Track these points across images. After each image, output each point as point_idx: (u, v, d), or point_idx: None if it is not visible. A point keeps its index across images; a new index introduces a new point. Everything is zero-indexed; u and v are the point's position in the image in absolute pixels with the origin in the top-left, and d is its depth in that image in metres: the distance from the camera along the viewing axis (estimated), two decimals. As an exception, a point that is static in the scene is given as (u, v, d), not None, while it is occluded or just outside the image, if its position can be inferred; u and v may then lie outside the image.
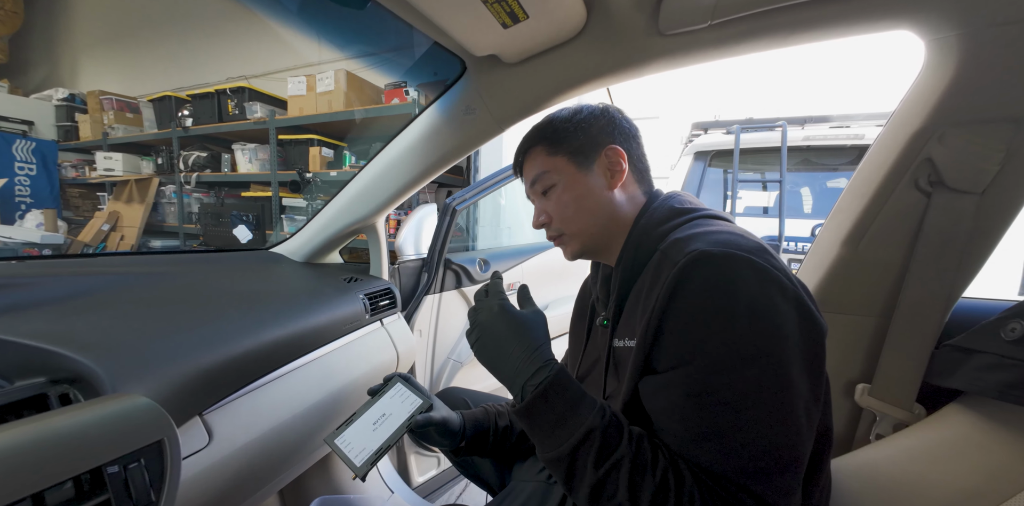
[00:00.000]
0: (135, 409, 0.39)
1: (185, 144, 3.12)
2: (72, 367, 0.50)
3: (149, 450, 0.37)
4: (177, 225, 3.22)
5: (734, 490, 0.38)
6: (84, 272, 0.80)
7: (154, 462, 0.37)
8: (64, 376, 0.50)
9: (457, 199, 1.27)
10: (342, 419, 0.89)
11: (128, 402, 0.40)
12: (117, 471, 0.34)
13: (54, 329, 0.55)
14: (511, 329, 0.51)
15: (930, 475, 0.54)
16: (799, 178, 2.56)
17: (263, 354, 0.70)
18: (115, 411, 0.38)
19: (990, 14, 0.50)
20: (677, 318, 0.43)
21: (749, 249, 0.43)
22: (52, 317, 0.58)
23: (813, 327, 0.43)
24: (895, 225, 0.66)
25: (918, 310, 0.64)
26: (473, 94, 0.77)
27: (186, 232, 3.19)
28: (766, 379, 0.39)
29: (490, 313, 0.54)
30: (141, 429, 0.38)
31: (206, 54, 3.57)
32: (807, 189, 2.59)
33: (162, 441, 0.39)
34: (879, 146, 0.67)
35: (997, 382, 0.50)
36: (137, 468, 0.36)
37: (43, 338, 0.50)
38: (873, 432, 0.67)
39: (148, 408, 0.40)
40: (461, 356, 1.27)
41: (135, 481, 0.35)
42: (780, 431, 0.39)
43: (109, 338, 0.55)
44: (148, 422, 0.39)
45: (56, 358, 0.50)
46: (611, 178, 0.59)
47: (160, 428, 0.39)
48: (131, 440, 0.36)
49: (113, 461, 0.35)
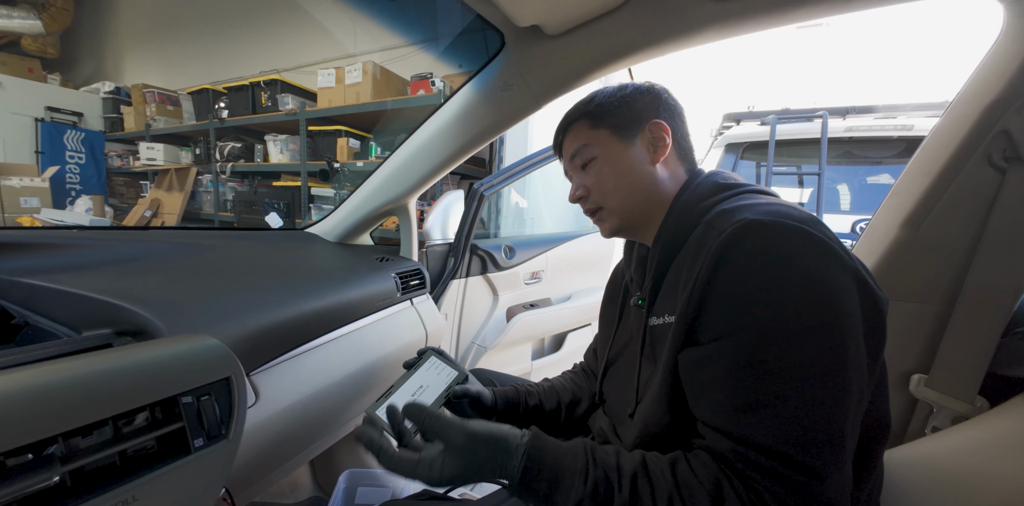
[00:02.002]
0: (206, 348, 0.41)
1: (221, 135, 3.23)
2: (136, 320, 0.52)
3: (218, 386, 0.39)
4: (213, 213, 3.34)
5: (778, 463, 0.36)
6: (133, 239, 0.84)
7: (223, 397, 0.39)
8: (128, 329, 0.52)
9: (485, 184, 1.27)
10: (376, 391, 0.90)
11: (199, 341, 0.42)
12: (191, 402, 0.36)
13: (115, 286, 0.58)
14: (468, 461, 0.42)
15: (994, 469, 0.51)
16: (837, 172, 2.43)
17: (303, 323, 0.72)
18: (188, 348, 0.40)
19: None
20: (724, 287, 0.41)
21: (802, 220, 0.41)
22: (112, 276, 0.62)
23: (873, 301, 0.40)
24: (963, 205, 0.61)
25: (985, 297, 0.60)
26: (511, 69, 0.75)
27: (221, 219, 3.31)
28: (820, 351, 0.37)
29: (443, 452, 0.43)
30: (211, 366, 0.40)
31: (241, 48, 3.68)
32: (845, 186, 2.47)
33: (230, 378, 0.40)
34: (948, 119, 0.62)
35: (1081, 370, 0.46)
36: (208, 401, 0.37)
37: (107, 293, 0.53)
38: (929, 425, 0.63)
39: (217, 348, 0.42)
40: (486, 341, 1.28)
41: (207, 412, 0.37)
42: (832, 405, 0.36)
43: (166, 297, 0.58)
44: (218, 360, 0.41)
45: (121, 312, 0.52)
46: (654, 153, 0.57)
47: (229, 366, 0.41)
48: (203, 375, 0.38)
49: (187, 392, 0.36)
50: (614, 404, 0.62)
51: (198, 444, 0.36)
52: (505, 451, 0.41)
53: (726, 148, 2.63)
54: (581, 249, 1.64)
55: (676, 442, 0.45)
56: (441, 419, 0.44)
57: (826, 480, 0.36)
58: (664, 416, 0.46)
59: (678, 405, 0.45)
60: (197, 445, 0.36)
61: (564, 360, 1.54)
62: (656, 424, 0.47)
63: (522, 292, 1.42)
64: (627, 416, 0.55)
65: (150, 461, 0.34)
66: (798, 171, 2.34)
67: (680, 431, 0.45)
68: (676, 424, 0.46)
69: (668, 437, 0.47)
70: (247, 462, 0.57)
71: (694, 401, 0.43)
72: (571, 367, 0.83)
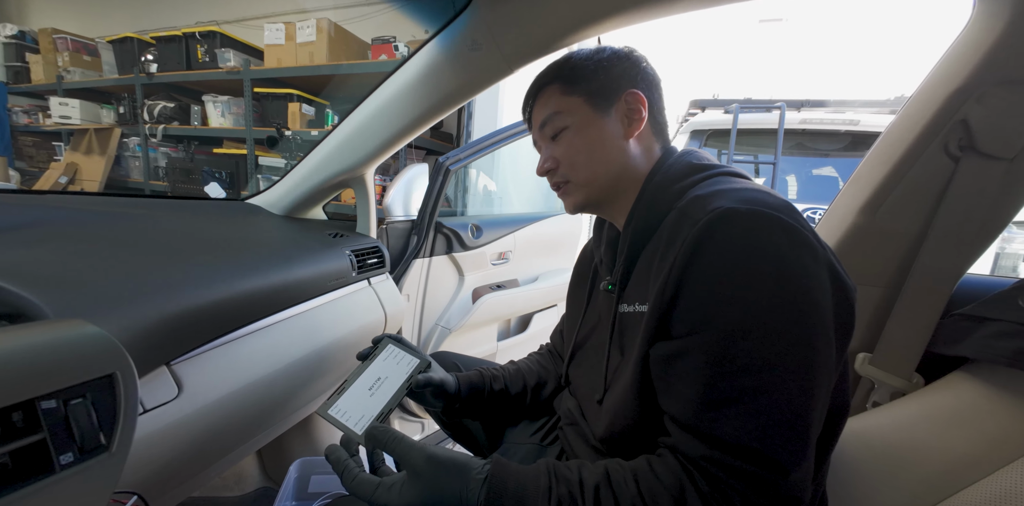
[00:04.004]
0: (80, 337, 0.33)
1: (149, 93, 2.87)
2: (12, 301, 0.43)
3: (97, 385, 0.31)
4: (143, 181, 3.01)
5: (744, 460, 0.35)
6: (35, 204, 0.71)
7: (104, 400, 0.32)
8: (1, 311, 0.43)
9: (451, 158, 1.20)
10: (328, 376, 0.85)
11: (71, 329, 0.33)
12: (55, 407, 0.29)
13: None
14: (430, 492, 0.40)
15: (929, 441, 0.54)
16: (789, 163, 2.55)
17: (239, 304, 0.64)
18: (54, 338, 0.32)
19: None
20: (698, 280, 0.39)
21: (777, 207, 0.39)
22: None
23: (844, 293, 0.40)
24: (917, 193, 0.63)
25: (928, 281, 0.63)
26: (481, 27, 0.69)
27: (153, 188, 3.00)
28: (792, 347, 0.36)
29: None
30: (87, 360, 0.32)
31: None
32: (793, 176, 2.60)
33: (113, 375, 0.33)
34: (911, 108, 0.63)
35: (1012, 349, 0.49)
36: (81, 404, 0.30)
37: None
38: (870, 400, 0.67)
39: (96, 337, 0.34)
40: (450, 322, 1.24)
41: (78, 419, 0.29)
42: (801, 400, 0.36)
43: (59, 273, 0.48)
44: (96, 353, 0.33)
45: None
46: (628, 126, 0.54)
47: (112, 360, 0.33)
48: (73, 372, 0.31)
49: (49, 395, 0.29)
50: (581, 387, 0.60)
51: (65, 460, 0.29)
52: (466, 478, 0.40)
53: (691, 134, 2.67)
54: (550, 230, 1.61)
55: (646, 435, 0.45)
56: (403, 442, 0.42)
57: (791, 473, 0.35)
58: (635, 409, 0.45)
59: (648, 398, 0.44)
60: (64, 461, 0.29)
61: (530, 341, 1.54)
62: (626, 417, 0.46)
63: (489, 273, 1.38)
64: (595, 401, 0.53)
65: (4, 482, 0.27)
66: (755, 160, 2.43)
67: (649, 424, 0.44)
68: (646, 418, 0.45)
69: (638, 429, 0.46)
70: (167, 464, 0.50)
71: (663, 395, 0.42)
72: (537, 348, 0.81)
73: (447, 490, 0.39)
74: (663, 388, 0.42)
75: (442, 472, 0.40)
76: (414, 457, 0.41)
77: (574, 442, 0.58)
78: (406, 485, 0.40)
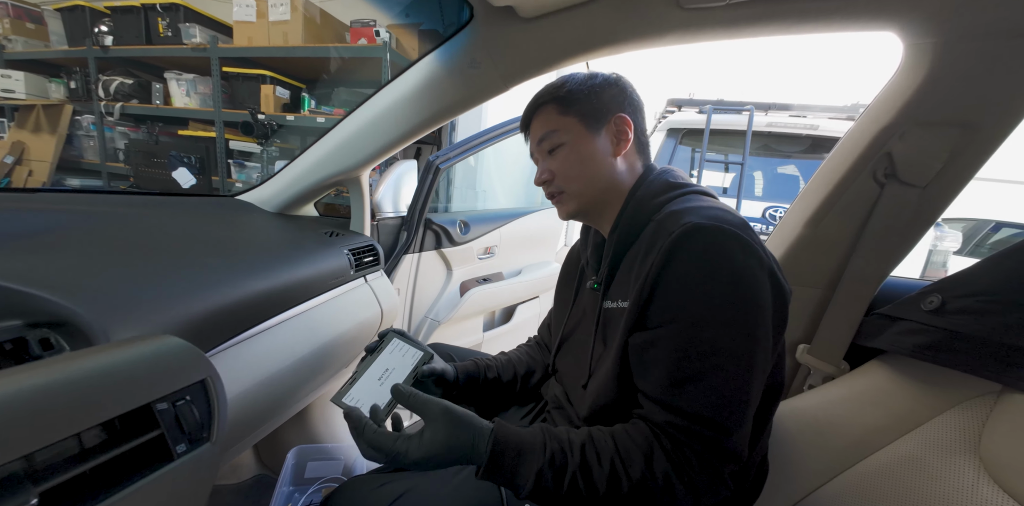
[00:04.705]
0: (174, 350, 0.38)
1: (104, 67, 2.67)
2: (52, 310, 0.46)
3: (195, 389, 0.37)
4: (99, 162, 2.83)
5: (699, 425, 0.46)
6: (24, 208, 0.72)
7: (201, 400, 0.38)
8: (43, 320, 0.46)
9: (441, 157, 1.24)
10: (330, 372, 0.90)
11: (165, 343, 0.39)
12: (167, 408, 0.35)
13: (12, 267, 0.50)
14: (447, 444, 0.47)
15: (848, 416, 0.67)
16: (755, 162, 2.73)
17: (250, 305, 0.68)
18: (155, 351, 0.37)
19: (968, 27, 0.56)
20: (669, 281, 0.48)
21: (735, 224, 0.49)
22: (3, 254, 0.52)
23: (781, 295, 0.51)
24: (850, 210, 0.75)
25: (856, 284, 0.75)
26: (479, 47, 0.73)
27: (111, 171, 2.82)
28: (739, 336, 0.46)
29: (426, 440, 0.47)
30: (184, 369, 0.37)
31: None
32: (759, 173, 2.77)
33: (206, 380, 0.39)
34: (849, 138, 0.74)
35: (913, 344, 0.61)
36: (185, 405, 0.36)
37: (4, 277, 0.46)
38: (806, 383, 0.80)
39: (186, 349, 0.39)
40: (439, 315, 1.30)
41: (186, 417, 0.35)
42: (744, 378, 0.46)
43: (84, 281, 0.51)
44: (189, 362, 0.38)
45: (31, 300, 0.46)
46: (616, 145, 0.61)
47: (203, 368, 0.39)
48: (176, 379, 0.36)
49: (161, 398, 0.35)
50: (567, 375, 0.69)
51: (180, 450, 0.36)
52: (476, 430, 0.47)
53: (668, 133, 2.79)
54: (532, 225, 1.69)
55: (623, 410, 0.54)
56: (421, 397, 0.50)
57: (733, 435, 0.46)
58: (614, 390, 0.54)
59: (625, 381, 0.53)
60: (180, 451, 0.35)
61: (513, 331, 1.63)
62: (606, 396, 0.55)
63: (476, 267, 1.45)
64: (580, 387, 0.62)
65: (133, 471, 0.33)
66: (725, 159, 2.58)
67: (626, 402, 0.54)
68: (623, 397, 0.54)
69: (616, 406, 0.55)
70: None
71: (638, 376, 0.51)
72: (525, 340, 0.89)
73: (460, 439, 0.46)
74: (639, 371, 0.51)
75: (456, 423, 0.47)
76: (432, 409, 0.48)
77: (560, 424, 0.67)
78: (424, 434, 0.46)
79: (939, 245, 2.62)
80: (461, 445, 0.46)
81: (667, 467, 0.45)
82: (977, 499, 0.51)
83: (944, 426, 0.58)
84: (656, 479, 0.45)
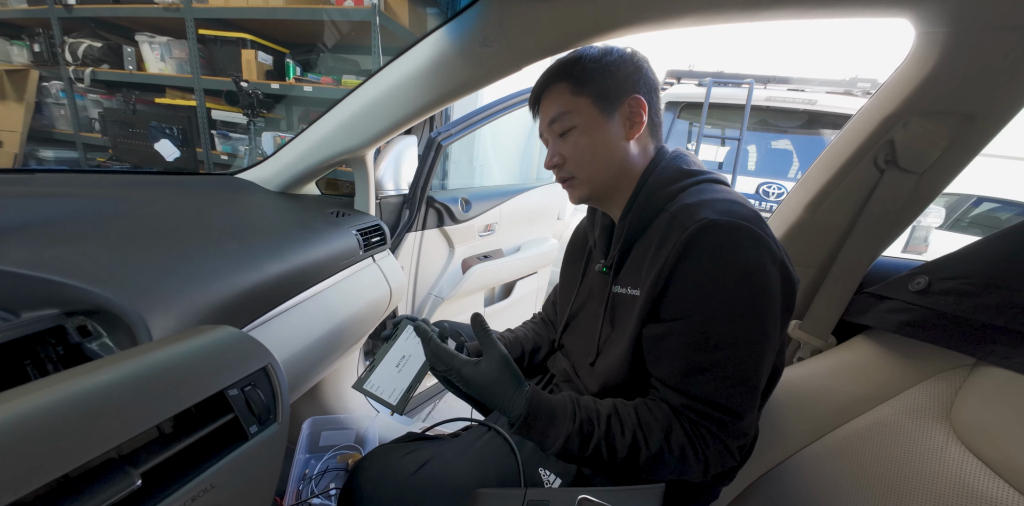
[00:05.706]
0: (235, 340, 0.41)
1: (70, 29, 2.48)
2: (87, 298, 0.47)
3: (257, 375, 0.40)
4: (73, 132, 2.69)
5: (713, 409, 0.50)
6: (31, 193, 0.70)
7: (264, 385, 0.41)
8: (80, 308, 0.48)
9: (443, 133, 1.22)
10: (342, 351, 0.93)
11: (227, 334, 0.41)
12: (237, 393, 0.38)
13: (41, 257, 0.50)
14: (497, 381, 0.53)
15: (835, 386, 0.73)
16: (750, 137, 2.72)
17: (268, 289, 0.70)
18: (220, 342, 0.40)
19: (981, 18, 0.57)
20: (685, 276, 0.51)
21: (748, 218, 0.51)
22: (30, 244, 0.52)
23: (790, 285, 0.54)
24: (849, 196, 0.78)
25: (849, 265, 0.79)
26: (493, 25, 0.71)
27: (86, 142, 2.69)
28: (750, 328, 0.50)
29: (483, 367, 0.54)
30: (247, 357, 0.40)
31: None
32: (753, 147, 2.78)
33: (267, 366, 0.42)
34: (855, 124, 0.76)
35: (899, 321, 0.66)
36: (253, 390, 0.39)
37: (38, 267, 0.47)
38: (796, 356, 0.86)
39: (246, 339, 0.42)
40: (442, 292, 1.33)
41: (254, 401, 0.38)
42: (753, 366, 0.51)
43: (113, 269, 0.52)
44: (250, 351, 0.41)
45: (65, 289, 0.47)
46: (629, 128, 0.61)
47: (262, 355, 0.42)
48: (241, 367, 0.39)
49: (232, 385, 0.37)
50: (574, 351, 0.73)
51: (253, 431, 0.39)
52: (518, 388, 0.52)
53: (667, 106, 2.75)
54: (532, 202, 1.70)
55: (632, 390, 0.59)
56: (492, 335, 0.55)
57: (744, 417, 0.51)
58: (626, 372, 0.58)
59: (637, 365, 0.57)
60: (253, 431, 0.39)
61: (513, 306, 1.67)
62: (618, 378, 0.60)
63: (477, 244, 1.47)
64: (588, 364, 0.66)
65: (213, 450, 0.36)
66: (722, 134, 2.57)
67: (635, 383, 0.58)
68: (634, 377, 0.58)
69: (626, 386, 0.60)
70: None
71: (652, 364, 0.55)
72: (530, 316, 0.93)
73: (505, 385, 0.52)
74: (652, 359, 0.55)
75: (510, 371, 0.53)
76: (497, 349, 0.54)
77: None
78: (481, 364, 0.52)
79: (922, 220, 2.72)
80: (503, 391, 0.52)
81: (684, 441, 0.50)
82: (944, 458, 0.57)
83: (920, 394, 0.64)
84: (672, 451, 0.50)
